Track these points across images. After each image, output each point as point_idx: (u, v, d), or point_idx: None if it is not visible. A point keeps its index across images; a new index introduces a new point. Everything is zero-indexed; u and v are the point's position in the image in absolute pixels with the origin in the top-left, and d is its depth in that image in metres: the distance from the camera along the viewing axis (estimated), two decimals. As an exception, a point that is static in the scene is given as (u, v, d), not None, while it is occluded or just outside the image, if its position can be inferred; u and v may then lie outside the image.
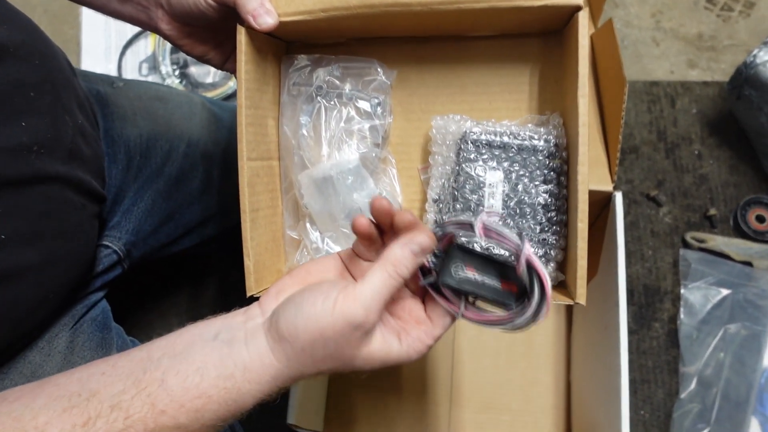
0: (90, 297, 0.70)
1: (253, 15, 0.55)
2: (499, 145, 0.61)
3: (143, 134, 0.77)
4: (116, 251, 0.73)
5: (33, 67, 0.57)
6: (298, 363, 0.43)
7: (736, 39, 1.23)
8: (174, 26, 0.62)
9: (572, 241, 0.56)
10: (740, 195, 1.11)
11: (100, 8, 0.64)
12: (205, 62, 0.66)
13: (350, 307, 0.41)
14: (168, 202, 0.80)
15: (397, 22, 0.61)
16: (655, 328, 1.06)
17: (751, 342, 1.00)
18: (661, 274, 1.08)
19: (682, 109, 1.18)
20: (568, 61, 0.60)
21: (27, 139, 0.54)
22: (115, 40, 1.25)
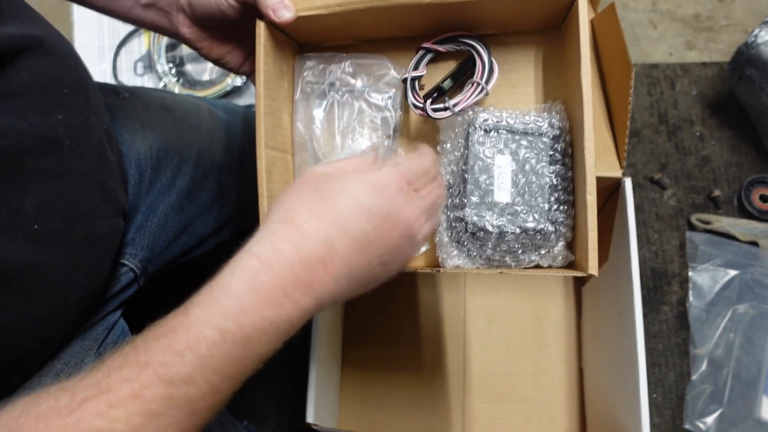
0: (108, 318, 0.69)
1: (273, 9, 0.58)
2: (506, 129, 0.63)
3: (153, 147, 0.76)
4: (132, 269, 0.72)
5: (68, 68, 0.58)
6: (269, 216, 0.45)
7: (733, 18, 1.23)
8: (194, 29, 0.64)
9: (581, 216, 0.59)
10: (743, 175, 1.11)
11: (122, 16, 0.65)
12: (222, 65, 0.68)
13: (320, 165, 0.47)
14: (181, 216, 0.79)
15: (407, 18, 0.64)
16: (664, 312, 1.06)
17: (759, 321, 1.00)
18: (668, 257, 1.09)
19: (682, 90, 1.18)
20: (569, 50, 0.63)
21: (63, 133, 0.54)
22: (109, 40, 1.23)
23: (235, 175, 0.87)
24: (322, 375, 0.85)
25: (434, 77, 0.67)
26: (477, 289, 1.04)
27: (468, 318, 1.03)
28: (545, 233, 0.61)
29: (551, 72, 0.68)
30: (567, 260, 0.63)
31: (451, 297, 1.03)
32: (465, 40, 0.66)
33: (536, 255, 0.63)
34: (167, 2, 0.63)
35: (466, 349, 1.01)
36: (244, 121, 0.92)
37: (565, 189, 0.63)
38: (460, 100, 0.63)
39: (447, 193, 0.65)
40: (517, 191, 0.62)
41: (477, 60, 0.64)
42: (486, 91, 0.63)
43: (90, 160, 0.59)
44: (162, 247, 0.78)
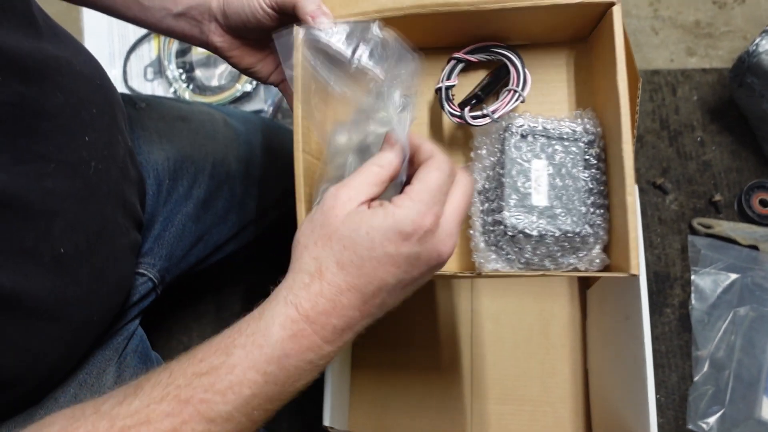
0: (128, 327, 0.71)
1: (311, 15, 0.57)
2: (542, 134, 0.64)
3: (170, 158, 0.77)
4: (151, 278, 0.73)
5: (96, 87, 0.59)
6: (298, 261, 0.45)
7: (733, 25, 1.26)
8: (226, 38, 0.64)
9: (619, 217, 0.60)
10: (743, 180, 1.13)
11: (153, 26, 0.65)
12: (250, 74, 0.68)
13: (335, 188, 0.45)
14: (197, 225, 0.80)
15: (441, 26, 0.65)
16: (666, 314, 1.08)
17: (759, 324, 1.03)
18: (671, 261, 1.11)
19: (683, 96, 1.20)
20: (598, 60, 0.65)
21: (87, 155, 0.55)
22: (119, 46, 1.24)
23: (248, 184, 0.88)
24: (335, 378, 0.86)
25: (464, 86, 0.69)
26: (484, 292, 1.06)
27: (475, 320, 1.04)
28: (584, 236, 0.62)
29: (579, 82, 0.69)
30: (603, 264, 0.63)
31: (458, 299, 1.05)
32: (496, 50, 0.67)
33: (575, 258, 0.63)
34: (199, 11, 0.62)
35: (473, 351, 1.03)
36: (257, 130, 0.93)
37: (600, 193, 0.64)
38: (498, 107, 0.65)
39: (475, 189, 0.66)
40: (555, 194, 0.63)
41: (511, 69, 0.66)
42: (522, 98, 0.65)
43: (114, 179, 0.60)
44: (179, 257, 0.79)
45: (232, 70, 1.21)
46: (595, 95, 0.67)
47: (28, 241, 0.48)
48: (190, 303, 1.17)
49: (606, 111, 0.63)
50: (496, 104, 0.65)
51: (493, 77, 0.68)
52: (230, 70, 1.21)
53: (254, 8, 0.59)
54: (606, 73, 0.61)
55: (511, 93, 0.65)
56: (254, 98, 1.20)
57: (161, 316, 1.15)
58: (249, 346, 0.42)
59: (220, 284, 1.18)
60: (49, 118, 0.50)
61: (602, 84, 0.63)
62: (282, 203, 0.95)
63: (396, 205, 0.43)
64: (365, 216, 0.43)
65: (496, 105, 0.65)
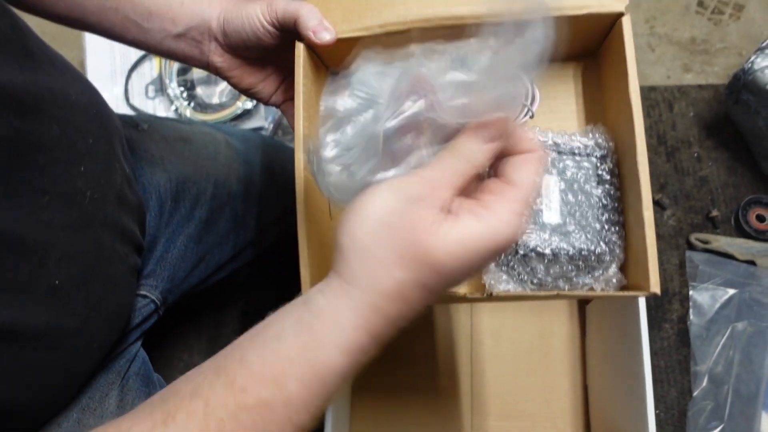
0: (130, 349, 0.71)
1: (313, 31, 0.57)
2: (552, 149, 0.63)
3: (172, 179, 0.78)
4: (153, 300, 0.73)
5: (92, 116, 0.59)
6: (369, 277, 0.36)
7: (728, 42, 1.27)
8: (226, 58, 0.64)
9: (637, 233, 0.57)
10: (740, 195, 1.14)
11: (153, 48, 0.65)
12: (252, 95, 0.68)
13: (408, 184, 0.36)
14: (199, 246, 0.80)
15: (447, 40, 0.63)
16: (665, 329, 1.09)
17: (757, 338, 1.03)
18: (669, 276, 1.12)
19: (679, 112, 1.21)
20: (608, 74, 0.64)
21: (83, 185, 0.54)
22: (120, 64, 1.25)
23: (249, 204, 0.89)
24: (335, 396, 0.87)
25: None
26: (483, 308, 1.06)
27: (475, 336, 1.05)
28: (599, 254, 0.60)
29: (588, 98, 0.69)
30: (620, 283, 0.60)
31: (457, 315, 1.06)
32: None
33: (590, 278, 0.60)
34: (199, 31, 0.63)
35: (473, 368, 1.03)
36: (257, 148, 0.94)
37: (614, 209, 0.61)
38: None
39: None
40: (567, 211, 0.61)
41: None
42: (531, 113, 0.65)
43: (110, 207, 0.60)
44: (181, 278, 0.79)
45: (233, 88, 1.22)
46: (606, 110, 0.66)
47: (23, 275, 0.48)
48: (190, 321, 1.17)
49: (618, 125, 0.62)
50: None
51: None
52: (231, 88, 1.22)
53: (255, 26, 0.59)
54: (617, 86, 0.60)
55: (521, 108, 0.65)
56: (255, 115, 1.21)
57: (161, 335, 1.15)
58: (308, 379, 0.36)
59: (220, 302, 1.18)
60: (44, 151, 0.50)
61: (613, 98, 0.62)
62: (282, 221, 0.95)
63: (495, 216, 0.36)
64: (461, 237, 0.35)
65: None
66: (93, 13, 0.62)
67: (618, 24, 0.59)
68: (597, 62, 0.68)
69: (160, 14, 0.62)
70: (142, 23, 0.63)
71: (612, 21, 0.60)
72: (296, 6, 0.58)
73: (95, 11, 0.62)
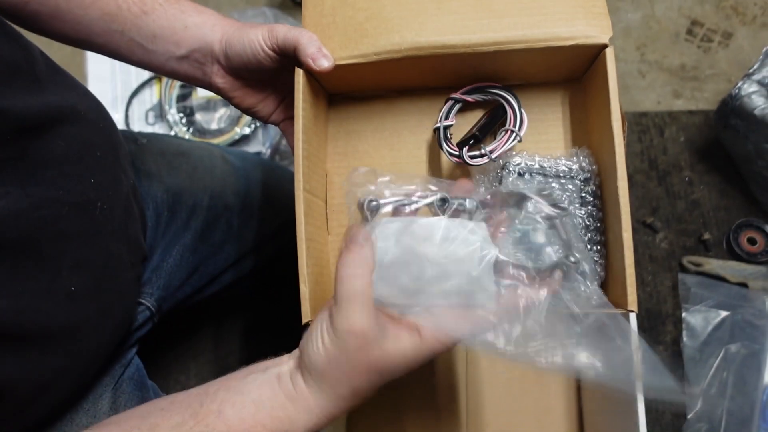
0: (125, 355, 0.72)
1: (312, 58, 0.59)
2: (539, 172, 0.65)
3: (169, 190, 0.79)
4: (149, 307, 0.75)
5: (99, 129, 0.61)
6: (331, 389, 0.46)
7: (717, 68, 1.30)
8: (228, 79, 0.65)
9: (616, 253, 0.60)
10: (731, 218, 1.16)
11: (157, 68, 0.67)
12: (253, 114, 0.70)
13: (335, 324, 0.45)
14: (194, 255, 0.82)
15: (438, 68, 0.66)
16: (659, 351, 1.10)
17: (751, 360, 1.04)
18: (662, 298, 1.13)
19: (670, 137, 1.23)
20: (592, 100, 0.67)
21: (93, 195, 0.57)
22: (121, 91, 1.27)
23: (245, 217, 0.90)
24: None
25: (462, 126, 0.70)
26: (478, 331, 1.07)
27: (470, 358, 1.05)
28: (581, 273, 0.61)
29: (575, 120, 0.71)
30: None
31: (453, 338, 1.06)
32: (493, 90, 0.69)
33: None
34: (202, 54, 0.64)
35: (468, 390, 1.04)
36: (255, 167, 0.96)
37: (597, 229, 0.64)
38: (496, 147, 0.65)
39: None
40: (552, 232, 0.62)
41: (508, 109, 0.67)
42: (519, 137, 0.66)
43: (118, 217, 0.62)
44: (176, 286, 0.81)
45: (231, 114, 1.24)
46: (590, 134, 0.68)
47: (43, 281, 0.50)
48: (189, 338, 1.18)
49: (601, 150, 0.64)
50: (493, 144, 0.66)
51: (490, 117, 0.69)
52: (229, 114, 1.24)
53: (255, 50, 0.61)
54: (600, 113, 0.62)
55: (508, 133, 0.66)
56: (252, 141, 1.23)
57: (160, 351, 1.16)
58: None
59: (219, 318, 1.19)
60: (53, 166, 0.52)
61: (596, 123, 0.65)
62: (279, 237, 0.97)
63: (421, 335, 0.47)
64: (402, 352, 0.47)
65: (494, 145, 0.66)
66: (99, 35, 0.64)
67: (602, 55, 0.62)
68: (583, 87, 0.71)
69: (165, 37, 0.64)
70: (146, 45, 0.65)
71: (597, 51, 0.63)
72: (296, 33, 0.60)
73: (101, 33, 0.64)
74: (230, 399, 0.46)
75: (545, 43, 0.61)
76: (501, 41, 0.62)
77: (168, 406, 0.47)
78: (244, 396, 0.46)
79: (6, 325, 0.46)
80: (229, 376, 0.49)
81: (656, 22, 1.34)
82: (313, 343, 0.46)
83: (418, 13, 0.64)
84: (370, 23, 0.64)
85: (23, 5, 0.61)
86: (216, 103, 1.25)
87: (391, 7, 0.64)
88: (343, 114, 0.75)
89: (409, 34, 0.63)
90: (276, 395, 0.46)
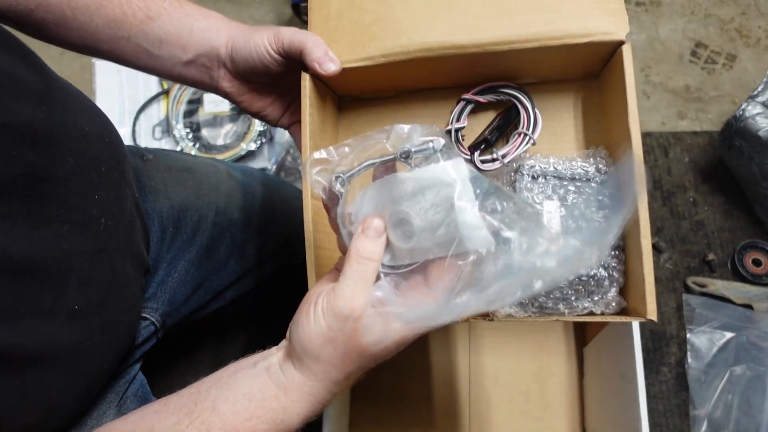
0: (129, 370, 0.71)
1: (318, 62, 0.59)
2: (554, 175, 0.64)
3: (174, 206, 0.79)
4: (153, 322, 0.75)
5: (105, 144, 0.60)
6: (324, 373, 0.46)
7: (721, 90, 1.30)
8: (235, 84, 0.66)
9: (635, 260, 0.58)
10: (736, 239, 1.15)
11: (164, 73, 0.67)
12: (261, 118, 0.70)
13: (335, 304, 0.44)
14: (199, 271, 0.82)
15: (449, 68, 0.65)
16: (663, 372, 1.09)
17: (756, 383, 1.03)
18: (666, 319, 1.12)
19: (675, 158, 1.23)
20: (609, 98, 0.64)
21: (97, 212, 0.56)
22: (129, 106, 1.28)
23: (249, 233, 0.90)
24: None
25: (475, 127, 0.68)
26: (482, 350, 1.06)
27: (473, 377, 1.05)
28: (598, 279, 0.61)
29: (591, 119, 0.69)
30: (620, 306, 0.62)
31: (456, 357, 1.06)
32: (506, 90, 0.67)
33: (589, 301, 0.62)
34: (208, 58, 0.64)
35: (471, 409, 1.03)
36: (259, 183, 0.96)
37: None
38: (508, 151, 0.64)
39: None
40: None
41: (521, 110, 0.65)
42: (533, 140, 0.64)
43: (123, 232, 0.62)
44: (181, 301, 0.81)
45: (237, 130, 1.25)
46: (608, 133, 0.66)
47: (47, 301, 0.49)
48: (191, 353, 1.18)
49: (619, 151, 0.62)
50: (506, 148, 0.65)
51: (503, 119, 0.67)
52: (235, 130, 1.25)
53: (261, 54, 0.61)
54: (618, 113, 0.60)
55: (521, 136, 0.65)
56: (258, 156, 1.24)
57: (163, 366, 1.15)
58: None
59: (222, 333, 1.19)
60: (59, 183, 0.52)
61: (614, 122, 0.63)
62: (282, 254, 0.97)
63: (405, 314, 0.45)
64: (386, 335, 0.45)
65: (507, 148, 0.65)
66: (105, 42, 0.64)
67: (618, 52, 0.60)
68: (599, 84, 0.68)
69: (171, 42, 0.64)
70: (152, 51, 0.65)
71: (613, 48, 0.61)
72: (302, 37, 0.60)
73: (107, 40, 0.64)
74: (223, 395, 0.46)
75: (559, 41, 0.59)
76: (513, 40, 0.60)
77: (162, 408, 0.47)
78: (236, 391, 0.46)
79: (6, 347, 0.46)
80: (219, 374, 0.49)
81: (660, 44, 1.34)
82: (307, 326, 0.45)
83: (426, 14, 0.62)
84: (377, 25, 0.63)
85: (29, 13, 0.61)
86: (222, 119, 1.25)
87: (398, 8, 0.63)
88: (354, 116, 0.74)
89: (418, 35, 0.62)
90: (267, 387, 0.46)
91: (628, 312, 0.62)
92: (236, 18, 0.66)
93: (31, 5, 0.61)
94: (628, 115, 0.58)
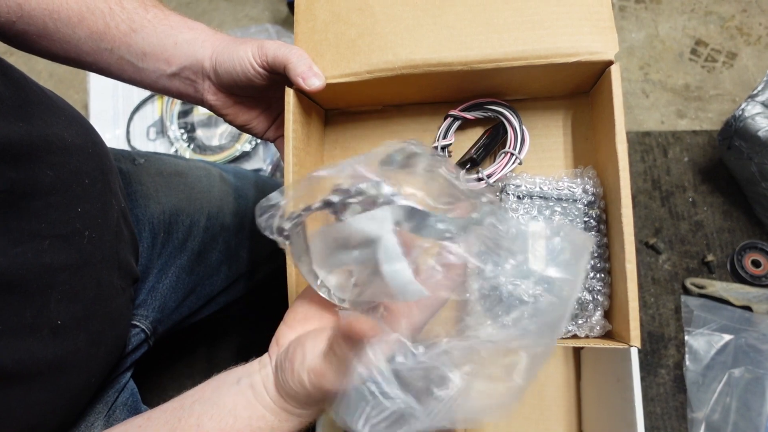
0: (119, 380, 0.70)
1: (302, 77, 0.59)
2: (539, 195, 0.63)
3: (165, 210, 0.78)
4: (144, 330, 0.74)
5: (88, 156, 0.59)
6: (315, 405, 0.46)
7: (722, 89, 1.29)
8: (220, 96, 0.65)
9: (620, 284, 0.57)
10: (735, 240, 1.14)
11: (149, 86, 0.66)
12: (247, 131, 0.69)
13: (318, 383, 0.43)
14: (191, 276, 0.81)
15: (435, 84, 0.64)
16: (661, 375, 1.08)
17: (755, 386, 1.02)
18: (664, 321, 1.11)
19: (674, 158, 1.22)
20: (599, 116, 0.63)
21: (81, 225, 0.55)
22: (123, 107, 1.27)
23: (242, 237, 0.89)
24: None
25: (462, 143, 0.67)
26: (478, 352, 1.05)
27: (469, 380, 1.04)
28: (582, 302, 0.60)
29: (580, 137, 0.68)
30: (604, 330, 0.61)
31: (452, 359, 1.05)
32: (493, 107, 0.66)
33: (573, 325, 0.61)
34: (192, 71, 0.64)
35: (467, 412, 1.02)
36: (251, 185, 0.95)
37: (600, 256, 0.61)
38: (494, 171, 0.63)
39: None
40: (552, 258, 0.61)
41: (508, 128, 0.64)
42: (519, 160, 0.63)
43: (108, 243, 0.61)
44: (172, 308, 0.80)
45: (232, 130, 1.24)
46: (596, 152, 0.65)
47: (27, 317, 0.49)
48: (183, 358, 1.17)
49: (606, 171, 0.62)
50: (492, 167, 0.64)
51: (490, 137, 0.66)
52: (230, 130, 1.24)
53: (245, 67, 0.60)
54: (606, 131, 0.60)
55: (507, 156, 0.64)
56: (253, 157, 1.23)
57: (154, 369, 1.15)
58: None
59: (213, 338, 1.18)
60: (40, 197, 0.51)
61: (602, 141, 0.62)
62: (274, 258, 0.96)
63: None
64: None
65: (493, 168, 0.64)
66: (88, 54, 0.64)
67: (607, 72, 0.59)
68: (590, 101, 0.67)
69: (155, 55, 0.63)
70: (137, 63, 0.64)
71: (602, 67, 0.60)
72: (286, 51, 0.59)
73: (90, 52, 0.64)
74: (207, 411, 0.45)
75: (547, 60, 0.58)
76: (499, 58, 0.59)
77: (145, 423, 0.47)
78: (221, 408, 0.46)
79: None
80: (202, 387, 0.48)
81: (660, 42, 1.33)
82: (293, 386, 0.44)
83: (413, 29, 0.61)
84: (362, 40, 0.62)
85: (11, 25, 0.61)
86: (217, 120, 1.25)
87: (384, 22, 0.62)
88: (341, 130, 0.74)
89: (404, 51, 0.61)
90: (253, 406, 0.46)
91: (612, 335, 0.61)
92: (232, 16, 0.66)
93: (13, 17, 0.60)
94: (615, 135, 0.57)
